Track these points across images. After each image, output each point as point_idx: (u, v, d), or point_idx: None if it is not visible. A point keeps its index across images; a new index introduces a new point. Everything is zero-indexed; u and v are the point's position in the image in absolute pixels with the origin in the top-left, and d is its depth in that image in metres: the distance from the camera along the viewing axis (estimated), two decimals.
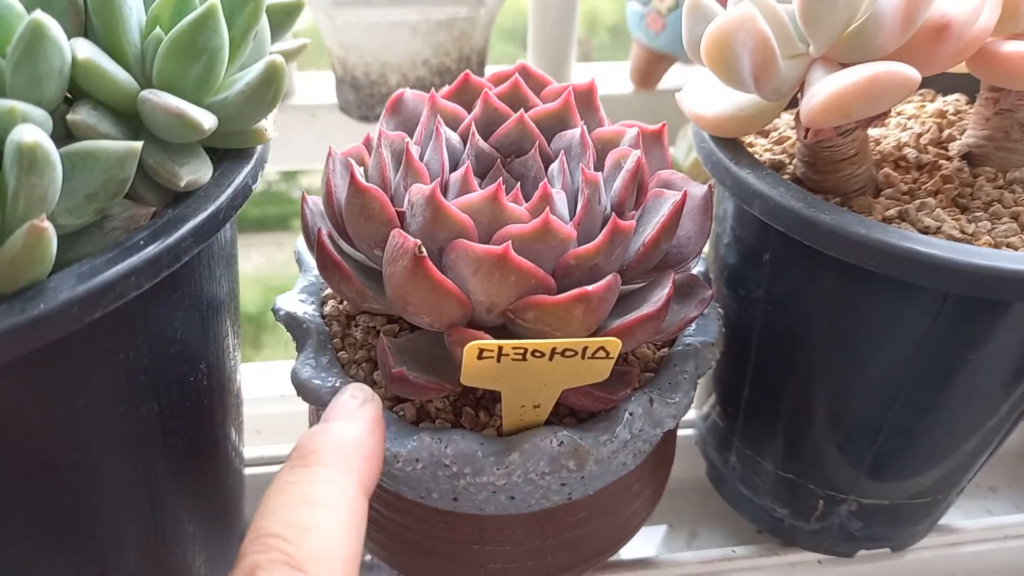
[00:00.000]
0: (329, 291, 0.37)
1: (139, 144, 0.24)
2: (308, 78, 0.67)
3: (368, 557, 0.46)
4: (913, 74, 0.28)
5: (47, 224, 0.21)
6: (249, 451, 0.47)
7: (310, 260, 0.37)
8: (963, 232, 0.32)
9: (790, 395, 0.38)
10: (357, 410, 0.27)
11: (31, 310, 0.21)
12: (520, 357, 0.28)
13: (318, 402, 0.32)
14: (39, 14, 0.22)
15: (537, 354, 0.28)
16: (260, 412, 0.51)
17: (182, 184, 0.25)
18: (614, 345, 0.28)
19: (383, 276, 0.30)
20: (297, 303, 0.36)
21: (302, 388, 0.32)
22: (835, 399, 0.36)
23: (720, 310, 0.37)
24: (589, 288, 0.28)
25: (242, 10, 0.27)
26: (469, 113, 0.35)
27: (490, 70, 0.65)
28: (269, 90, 0.26)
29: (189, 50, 0.25)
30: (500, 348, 0.27)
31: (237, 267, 0.35)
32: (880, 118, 0.32)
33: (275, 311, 0.35)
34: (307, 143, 0.65)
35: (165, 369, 0.29)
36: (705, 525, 0.50)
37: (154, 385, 0.28)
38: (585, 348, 0.28)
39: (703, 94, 0.34)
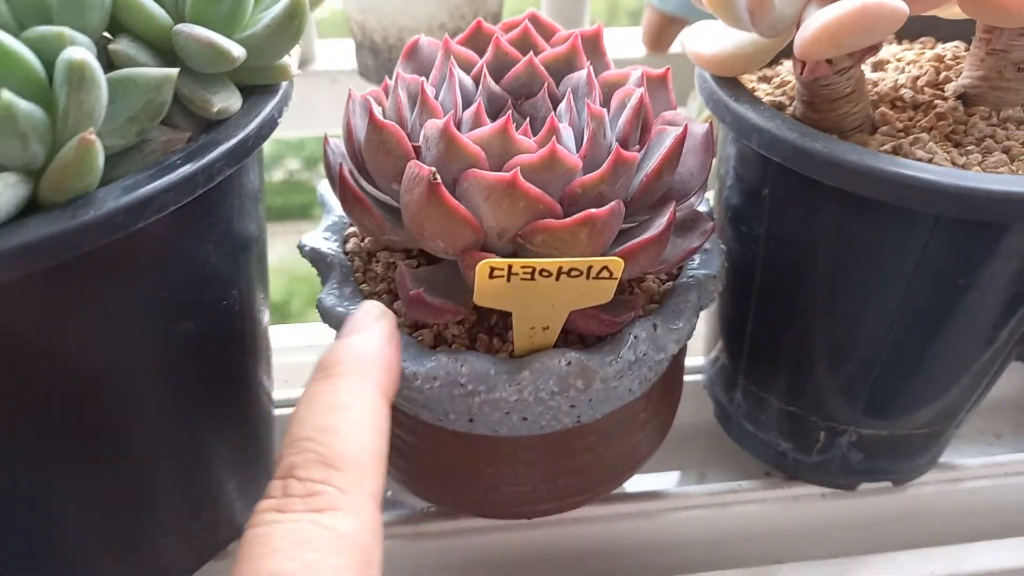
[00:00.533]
0: (351, 230, 0.39)
1: (175, 70, 0.26)
2: (328, 45, 0.69)
3: (389, 493, 0.48)
4: (900, 6, 0.29)
5: (95, 137, 0.23)
6: (278, 393, 0.49)
7: (332, 201, 0.40)
8: (954, 163, 0.34)
9: (791, 330, 0.39)
10: (373, 324, 0.30)
11: (81, 216, 0.23)
12: (529, 276, 0.30)
13: (341, 327, 0.34)
14: None
15: (545, 273, 0.30)
16: (288, 360, 0.54)
17: (214, 111, 0.27)
18: (617, 265, 0.30)
19: (401, 205, 0.32)
20: (321, 240, 0.38)
21: (327, 314, 0.34)
22: (833, 331, 0.38)
23: (723, 246, 0.38)
24: (592, 211, 0.30)
25: None
26: (481, 58, 0.37)
27: None
28: (292, 24, 0.28)
29: None
30: (510, 267, 0.29)
31: (264, 210, 0.37)
32: (871, 51, 0.33)
33: (301, 247, 0.37)
34: (328, 108, 0.67)
35: (200, 290, 0.31)
36: (714, 467, 0.52)
37: (190, 304, 0.30)
38: (590, 267, 0.30)
39: (705, 36, 0.36)
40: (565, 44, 0.37)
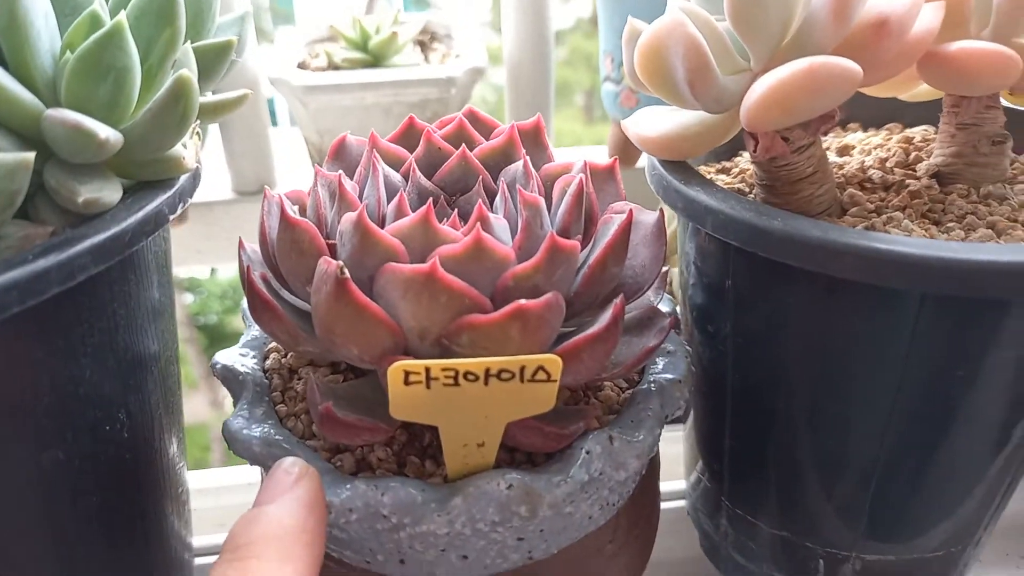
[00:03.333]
0: (272, 344, 0.35)
1: (31, 155, 0.23)
2: (290, 173, 0.68)
3: None
4: (852, 66, 0.27)
5: None
6: (206, 539, 0.44)
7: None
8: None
9: (772, 440, 0.35)
10: (292, 488, 0.25)
11: None
12: (452, 381, 0.25)
13: (250, 455, 0.30)
14: None
15: (470, 376, 0.25)
16: (222, 503, 0.48)
17: (80, 201, 0.24)
18: (554, 363, 0.25)
19: (311, 308, 0.28)
20: (237, 357, 0.34)
21: (232, 439, 0.30)
22: (820, 440, 0.33)
23: (688, 348, 0.34)
24: (524, 302, 0.26)
25: (158, 37, 0.27)
26: (417, 149, 0.34)
27: None
28: (177, 107, 0.25)
29: (95, 69, 0.25)
30: (428, 369, 0.25)
31: (170, 323, 0.34)
32: (828, 121, 0.30)
33: (213, 366, 0.33)
34: None
35: (72, 412, 0.26)
36: None
37: (58, 429, 0.26)
38: (523, 368, 0.25)
39: (649, 118, 0.33)
40: (502, 136, 0.34)
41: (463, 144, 0.34)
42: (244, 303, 0.37)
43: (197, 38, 0.31)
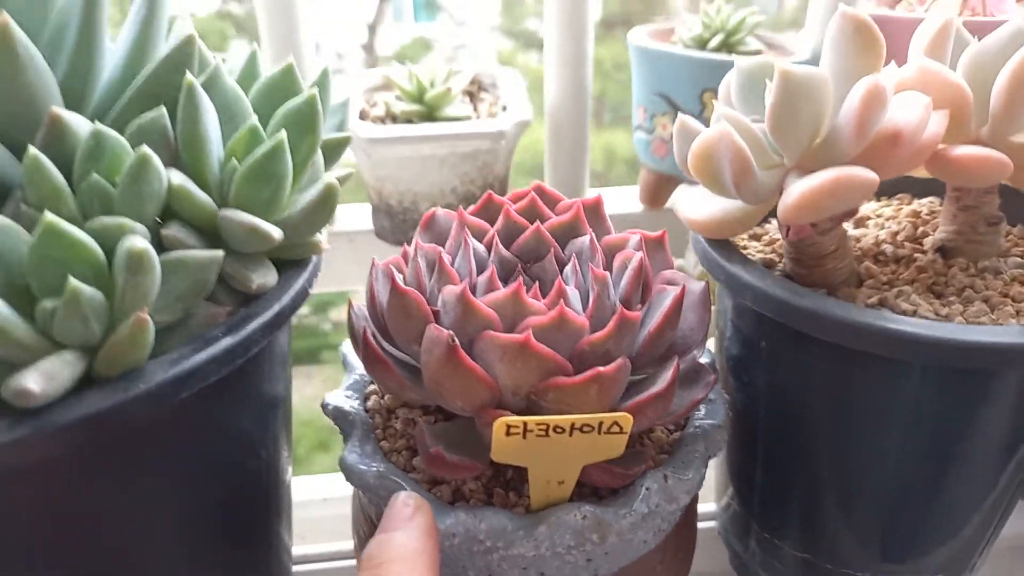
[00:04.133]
0: (372, 387, 0.41)
1: (220, 253, 0.29)
2: (347, 208, 0.73)
3: None
4: (871, 175, 0.33)
5: (148, 316, 0.25)
6: (296, 550, 0.49)
7: (355, 360, 0.42)
8: (937, 314, 0.36)
9: (798, 477, 0.40)
10: (411, 518, 0.31)
11: (133, 389, 0.25)
12: (543, 433, 0.31)
13: (363, 486, 0.36)
14: (145, 148, 0.27)
15: (558, 430, 0.31)
16: (304, 515, 0.54)
17: (253, 288, 0.30)
18: (626, 420, 0.31)
19: (421, 365, 0.34)
20: (344, 399, 0.40)
21: (349, 472, 0.36)
22: (839, 479, 0.39)
23: (726, 396, 0.40)
24: (601, 368, 0.32)
25: (302, 142, 0.33)
26: (492, 226, 0.40)
27: None
28: (326, 207, 0.31)
29: (261, 176, 0.30)
30: (525, 424, 0.31)
31: (290, 370, 0.39)
32: (850, 215, 0.36)
33: (324, 406, 0.39)
34: (347, 266, 0.71)
35: (230, 455, 0.32)
36: None
37: (220, 469, 0.32)
38: (601, 423, 0.31)
39: (695, 200, 0.39)
40: (569, 212, 0.40)
41: (536, 218, 0.40)
42: (344, 349, 0.43)
43: None
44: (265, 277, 0.31)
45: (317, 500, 0.55)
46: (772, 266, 0.41)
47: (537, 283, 0.37)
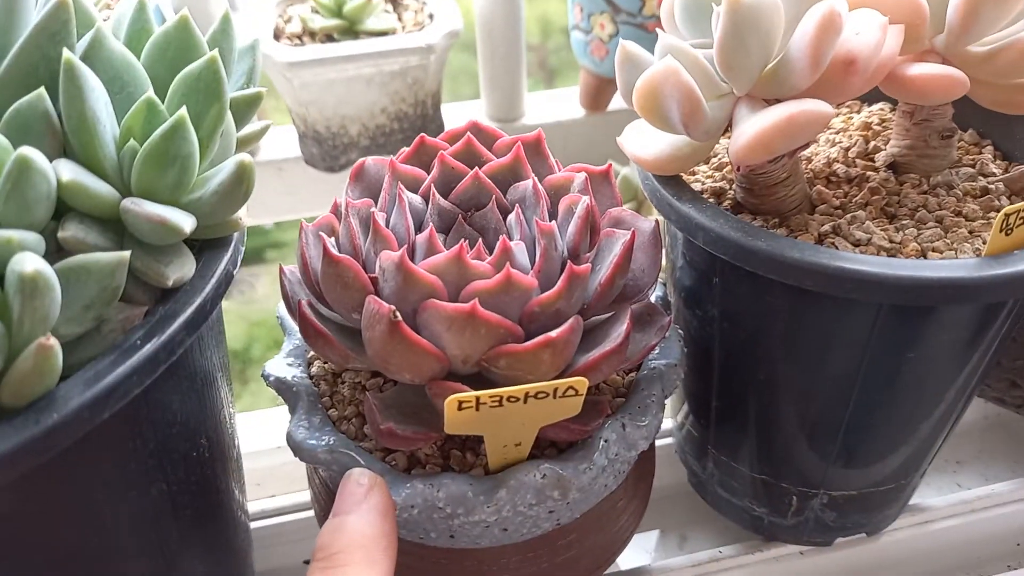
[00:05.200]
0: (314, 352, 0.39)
1: (127, 253, 0.26)
2: (273, 134, 0.69)
3: None
4: (826, 110, 0.31)
5: (53, 341, 0.23)
6: (253, 505, 0.49)
7: (293, 325, 0.40)
8: (891, 241, 0.35)
9: (754, 403, 0.40)
10: (367, 497, 0.30)
11: (45, 420, 0.23)
12: (497, 404, 0.30)
13: (314, 461, 0.35)
14: (24, 149, 0.24)
15: (512, 399, 0.30)
16: (259, 465, 0.53)
17: (169, 283, 0.27)
18: (582, 383, 0.30)
19: (364, 340, 0.32)
20: (285, 367, 0.38)
21: (298, 449, 0.34)
22: (795, 404, 0.39)
23: (680, 331, 0.39)
24: (552, 334, 0.30)
25: (207, 112, 0.29)
26: (428, 173, 0.38)
27: (445, 109, 0.67)
28: (240, 187, 0.28)
29: (163, 159, 0.27)
30: (478, 399, 0.30)
31: (225, 338, 0.37)
32: (804, 147, 0.34)
33: (265, 377, 0.37)
34: (277, 196, 0.67)
35: (169, 449, 0.31)
36: (694, 527, 0.52)
37: (161, 466, 0.30)
38: (556, 389, 0.30)
39: (642, 136, 0.37)
40: (508, 155, 0.37)
41: (474, 162, 0.37)
42: (280, 312, 0.41)
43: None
44: (182, 269, 0.28)
45: (271, 448, 0.54)
46: (722, 195, 0.39)
47: (481, 236, 0.35)
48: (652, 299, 0.41)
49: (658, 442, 0.54)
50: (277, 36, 0.62)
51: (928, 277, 0.30)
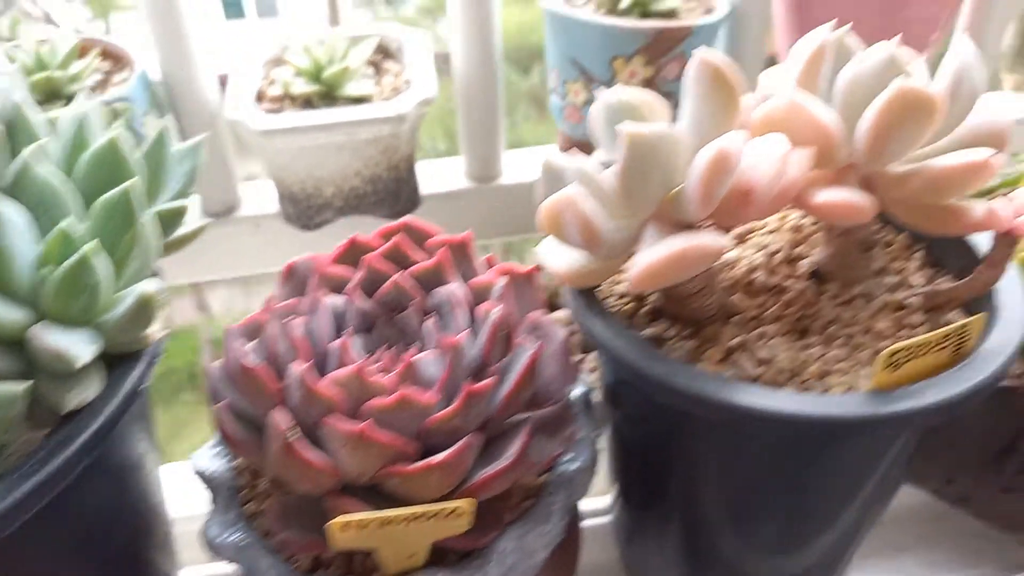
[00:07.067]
0: None
1: (25, 385, 0.28)
2: (252, 188, 0.71)
3: None
4: (717, 245, 0.32)
5: None
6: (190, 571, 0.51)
7: None
8: (794, 363, 0.36)
9: (667, 500, 0.41)
10: None
11: None
12: (382, 525, 0.31)
13: (226, 558, 0.36)
14: None
15: (397, 521, 0.31)
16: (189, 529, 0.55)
17: (66, 410, 0.29)
18: (468, 504, 0.31)
19: (267, 452, 0.34)
20: (211, 459, 0.39)
21: (211, 545, 0.36)
22: (702, 508, 0.39)
23: (593, 435, 0.40)
24: (437, 459, 0.32)
25: (122, 238, 0.31)
26: (357, 270, 0.39)
27: (424, 166, 0.69)
28: (144, 314, 0.30)
29: (73, 288, 0.29)
30: (359, 521, 0.31)
31: (152, 423, 0.39)
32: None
33: (193, 467, 0.39)
34: (254, 251, 0.69)
35: (94, 537, 0.33)
36: None
37: (86, 554, 0.32)
38: (440, 511, 0.31)
39: (557, 252, 0.38)
40: (433, 258, 0.39)
41: (403, 261, 0.39)
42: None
43: (157, 191, 0.36)
44: (83, 393, 0.30)
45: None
46: (644, 299, 0.40)
47: (403, 338, 0.37)
48: (577, 393, 0.42)
49: (594, 521, 0.55)
50: (260, 99, 0.64)
51: (806, 414, 0.31)
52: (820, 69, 0.36)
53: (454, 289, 0.37)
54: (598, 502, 0.54)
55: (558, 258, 0.37)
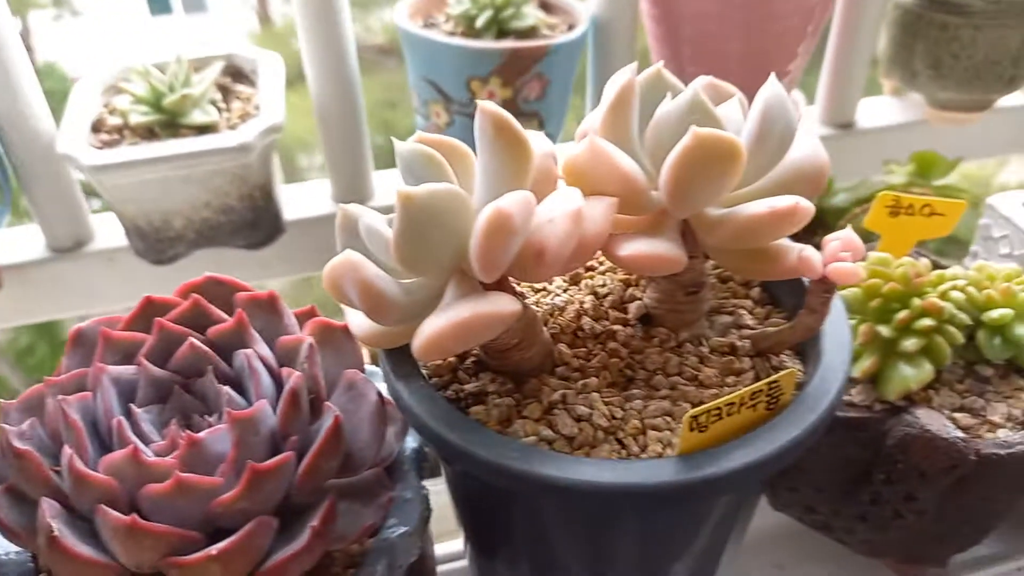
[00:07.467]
0: None
1: None
2: (105, 220, 0.67)
3: None
4: (507, 310, 0.30)
5: None
6: None
7: None
8: (613, 418, 0.34)
9: (512, 544, 0.40)
10: None
11: None
12: None
13: None
14: None
15: None
16: None
17: None
18: None
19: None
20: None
21: None
22: (542, 556, 0.38)
23: (425, 491, 0.38)
24: (214, 549, 0.29)
25: None
26: (151, 334, 0.36)
27: (291, 190, 0.66)
28: None
29: None
30: None
31: None
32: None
33: None
34: (109, 286, 0.65)
35: None
36: None
37: None
38: None
39: (357, 318, 0.35)
40: (231, 320, 0.36)
41: (201, 322, 0.36)
42: None
43: None
44: None
45: None
46: (466, 353, 0.38)
47: (191, 419, 0.34)
48: (411, 447, 0.40)
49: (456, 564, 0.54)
50: (98, 129, 0.60)
51: (605, 483, 0.30)
52: (629, 110, 0.35)
53: (252, 354, 0.35)
54: (455, 545, 0.53)
55: (356, 319, 0.35)
